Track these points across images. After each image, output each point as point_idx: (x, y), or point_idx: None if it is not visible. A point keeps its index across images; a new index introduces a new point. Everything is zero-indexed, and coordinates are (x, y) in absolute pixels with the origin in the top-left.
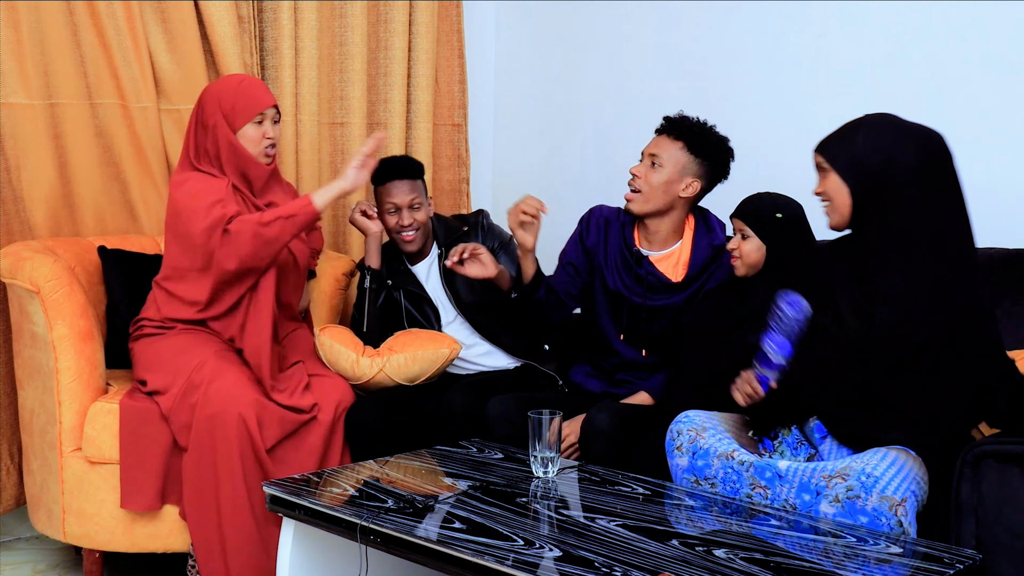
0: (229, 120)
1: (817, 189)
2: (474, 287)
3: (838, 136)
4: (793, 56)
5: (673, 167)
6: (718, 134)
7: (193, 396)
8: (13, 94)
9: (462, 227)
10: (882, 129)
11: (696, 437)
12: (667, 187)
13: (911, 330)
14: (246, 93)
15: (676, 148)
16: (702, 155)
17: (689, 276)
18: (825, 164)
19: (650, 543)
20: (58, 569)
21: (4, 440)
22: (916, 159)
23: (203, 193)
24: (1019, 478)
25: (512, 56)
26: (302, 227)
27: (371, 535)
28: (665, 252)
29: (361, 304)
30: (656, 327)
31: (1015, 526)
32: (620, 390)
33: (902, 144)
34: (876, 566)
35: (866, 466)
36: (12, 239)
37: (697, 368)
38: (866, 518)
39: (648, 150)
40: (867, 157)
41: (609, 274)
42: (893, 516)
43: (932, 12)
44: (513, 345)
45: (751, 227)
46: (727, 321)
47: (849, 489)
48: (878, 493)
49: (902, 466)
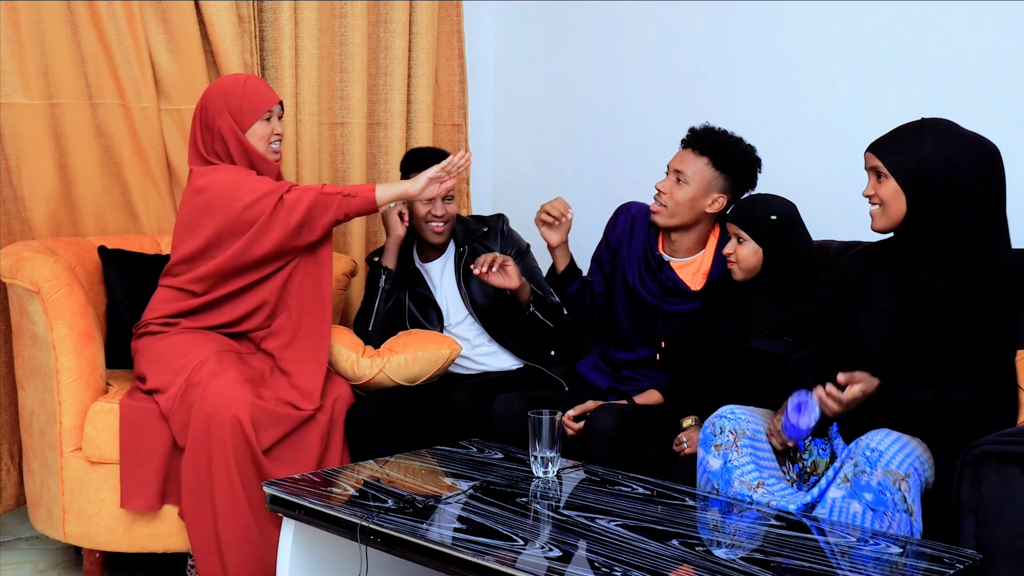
0: (238, 119)
1: (868, 191)
2: (488, 291)
3: (898, 140)
4: (793, 56)
5: (698, 184)
6: (743, 147)
7: (191, 396)
8: (13, 94)
9: (482, 228)
10: (945, 138)
11: (733, 445)
12: (692, 203)
13: (945, 335)
14: (253, 92)
15: (701, 164)
16: (728, 170)
17: (708, 285)
18: (883, 169)
19: (650, 543)
20: (58, 569)
21: (4, 440)
22: (976, 172)
23: (241, 173)
24: (1019, 478)
25: (512, 56)
26: (357, 210)
27: (371, 535)
28: (687, 260)
29: (371, 302)
30: (670, 329)
31: (1015, 526)
32: (625, 387)
33: (965, 156)
34: (876, 566)
35: (870, 441)
36: (12, 239)
37: (698, 372)
38: (871, 495)
39: (673, 165)
40: (931, 168)
41: (631, 271)
42: (897, 491)
43: (932, 12)
44: (520, 348)
45: (747, 231)
46: (727, 325)
47: (855, 465)
48: (883, 467)
49: (906, 443)
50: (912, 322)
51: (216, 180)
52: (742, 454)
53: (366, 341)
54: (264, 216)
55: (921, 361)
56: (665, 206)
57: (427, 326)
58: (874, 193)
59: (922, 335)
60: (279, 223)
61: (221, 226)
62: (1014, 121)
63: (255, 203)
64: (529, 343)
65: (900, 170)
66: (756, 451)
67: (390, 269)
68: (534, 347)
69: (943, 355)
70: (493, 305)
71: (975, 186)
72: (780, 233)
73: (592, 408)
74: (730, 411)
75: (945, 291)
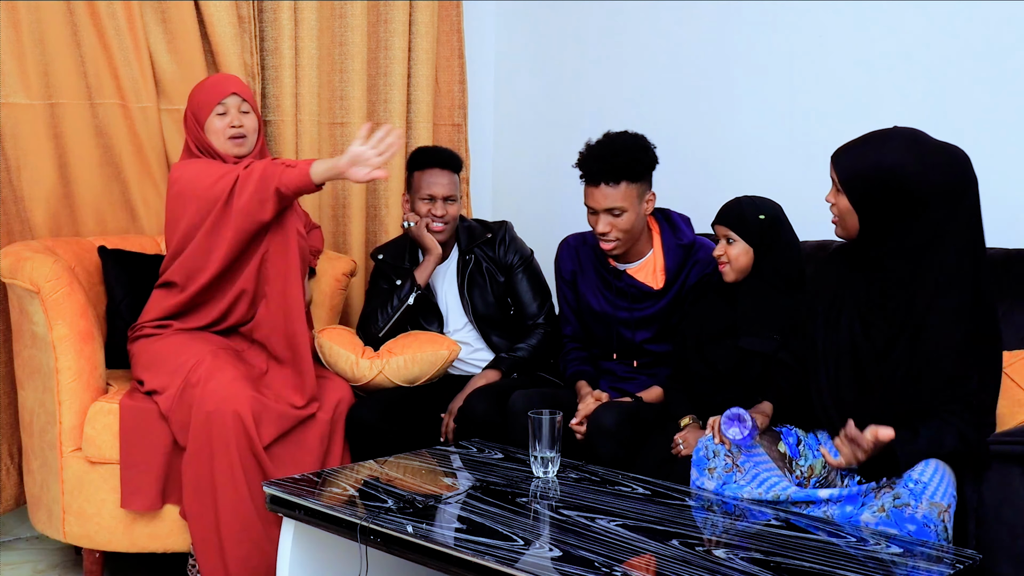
0: (196, 116)
1: (829, 198)
2: (489, 302)
3: (858, 153)
4: (793, 57)
5: (632, 204)
6: (633, 144)
7: (190, 395)
8: (13, 94)
9: (486, 234)
10: (911, 151)
11: (733, 467)
12: (636, 221)
13: (907, 344)
14: (207, 87)
15: (622, 189)
16: (642, 175)
17: (668, 280)
18: (836, 181)
19: (650, 543)
20: (58, 569)
21: (4, 440)
22: (942, 182)
23: (207, 163)
24: (1019, 478)
25: (512, 56)
26: (294, 182)
27: (371, 535)
28: (640, 263)
29: (387, 310)
30: (640, 336)
31: (1015, 526)
32: (626, 386)
33: (929, 167)
34: (876, 566)
35: (912, 473)
36: (12, 239)
37: (692, 373)
38: (914, 526)
39: (601, 206)
40: (888, 181)
41: (593, 297)
42: (940, 522)
43: (932, 12)
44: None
45: (736, 231)
46: (719, 325)
47: (896, 497)
48: (927, 499)
49: (944, 472)
50: (876, 340)
51: (184, 172)
52: (746, 471)
53: (367, 342)
54: (224, 193)
55: (896, 376)
56: (617, 239)
57: (427, 328)
58: (833, 202)
59: (894, 344)
60: (237, 196)
61: (193, 213)
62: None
63: (215, 183)
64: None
65: (852, 187)
66: (757, 464)
67: (420, 287)
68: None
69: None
70: (494, 315)
71: (940, 196)
72: (769, 232)
73: (591, 410)
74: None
75: (907, 308)
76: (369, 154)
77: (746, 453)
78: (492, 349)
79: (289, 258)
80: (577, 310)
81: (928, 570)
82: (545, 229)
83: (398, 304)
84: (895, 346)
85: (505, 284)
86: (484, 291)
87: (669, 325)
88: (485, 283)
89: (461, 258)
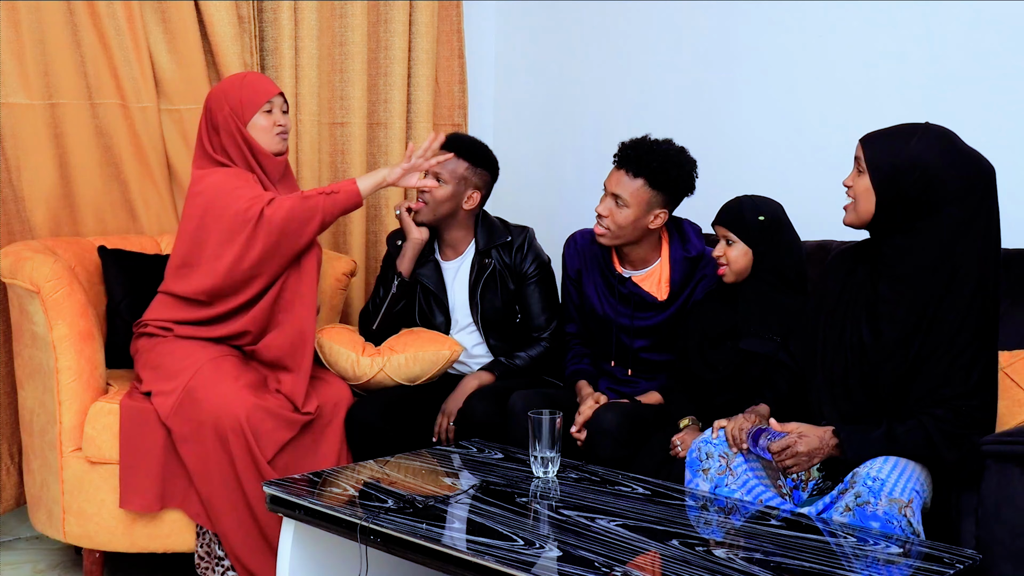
0: (238, 114)
1: (848, 181)
2: (496, 306)
3: (889, 138)
4: (793, 56)
5: (638, 205)
6: (677, 159)
7: (190, 404)
8: (13, 94)
9: (506, 237)
10: (937, 147)
11: (726, 470)
12: (635, 224)
13: (912, 346)
14: (251, 85)
15: (638, 185)
16: (665, 188)
17: (672, 293)
18: (863, 163)
19: (650, 543)
20: (58, 569)
21: (4, 440)
22: (960, 187)
23: (233, 177)
24: (1019, 478)
25: (512, 56)
26: (343, 207)
27: (371, 535)
28: (646, 271)
29: (379, 302)
30: (638, 343)
31: (1015, 526)
32: (625, 388)
33: (951, 169)
34: (876, 566)
35: (870, 470)
36: (12, 239)
37: (694, 376)
38: (877, 523)
39: (610, 188)
40: (909, 172)
41: (596, 300)
42: (903, 518)
43: (933, 12)
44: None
45: (736, 233)
46: (720, 328)
47: (857, 496)
48: (886, 496)
49: (904, 467)
50: (880, 340)
51: (209, 185)
52: (738, 475)
53: (367, 337)
54: (250, 226)
55: (898, 372)
56: (608, 228)
57: (432, 321)
58: (851, 185)
59: (895, 348)
60: (261, 236)
61: (219, 231)
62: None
63: (243, 211)
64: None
65: (877, 168)
66: (748, 470)
67: (403, 276)
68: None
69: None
70: (499, 319)
71: (951, 206)
72: (769, 233)
73: (590, 416)
74: (718, 437)
75: (905, 309)
76: (418, 162)
77: (740, 456)
78: (490, 351)
79: (303, 283)
80: (580, 308)
81: (928, 570)
82: (545, 229)
83: (383, 294)
84: (905, 345)
85: (516, 292)
86: (494, 295)
87: (668, 336)
88: (497, 287)
89: (478, 259)
